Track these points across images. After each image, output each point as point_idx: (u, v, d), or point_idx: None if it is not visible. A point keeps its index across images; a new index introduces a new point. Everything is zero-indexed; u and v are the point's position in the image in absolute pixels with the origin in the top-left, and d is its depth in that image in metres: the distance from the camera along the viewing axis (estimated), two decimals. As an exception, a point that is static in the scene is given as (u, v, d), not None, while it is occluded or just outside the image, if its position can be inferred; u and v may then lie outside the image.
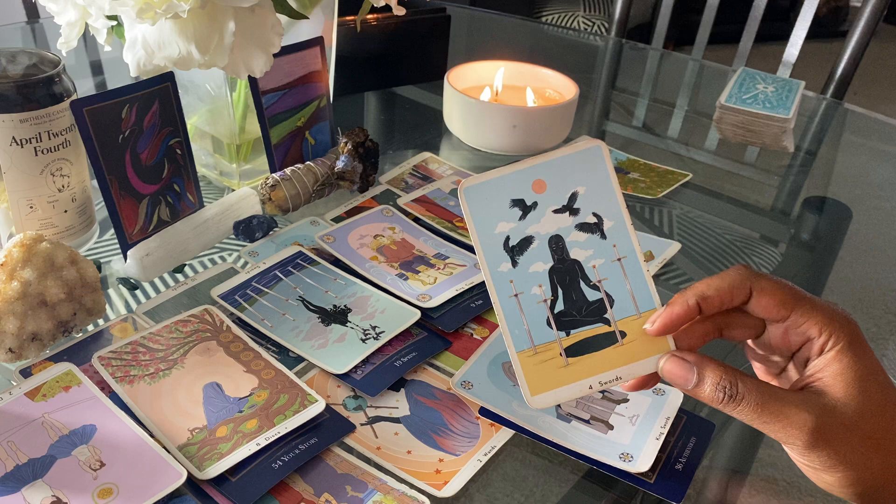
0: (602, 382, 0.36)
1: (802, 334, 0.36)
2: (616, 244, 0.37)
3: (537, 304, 0.36)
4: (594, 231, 0.37)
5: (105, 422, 0.41)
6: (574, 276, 0.37)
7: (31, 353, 0.45)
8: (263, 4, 0.50)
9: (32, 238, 0.45)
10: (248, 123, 0.63)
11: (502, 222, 0.37)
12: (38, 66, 0.50)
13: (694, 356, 0.36)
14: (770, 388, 0.34)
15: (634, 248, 0.37)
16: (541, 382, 0.36)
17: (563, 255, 0.37)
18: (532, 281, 0.37)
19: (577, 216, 0.37)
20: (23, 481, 0.37)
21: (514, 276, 0.37)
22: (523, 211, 0.37)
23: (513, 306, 0.36)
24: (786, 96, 0.85)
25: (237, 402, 0.43)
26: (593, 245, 0.37)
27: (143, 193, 0.54)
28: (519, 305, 0.36)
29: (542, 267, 0.37)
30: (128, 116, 0.52)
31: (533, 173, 0.37)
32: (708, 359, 0.35)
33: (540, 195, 0.37)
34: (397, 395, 0.46)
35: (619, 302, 0.37)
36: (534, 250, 0.37)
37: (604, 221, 0.37)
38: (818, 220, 0.74)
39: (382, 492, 0.39)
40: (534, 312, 0.36)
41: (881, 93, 2.83)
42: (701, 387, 0.35)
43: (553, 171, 0.37)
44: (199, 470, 0.39)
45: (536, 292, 0.37)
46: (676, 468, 0.41)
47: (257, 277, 0.53)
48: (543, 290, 0.37)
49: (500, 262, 0.37)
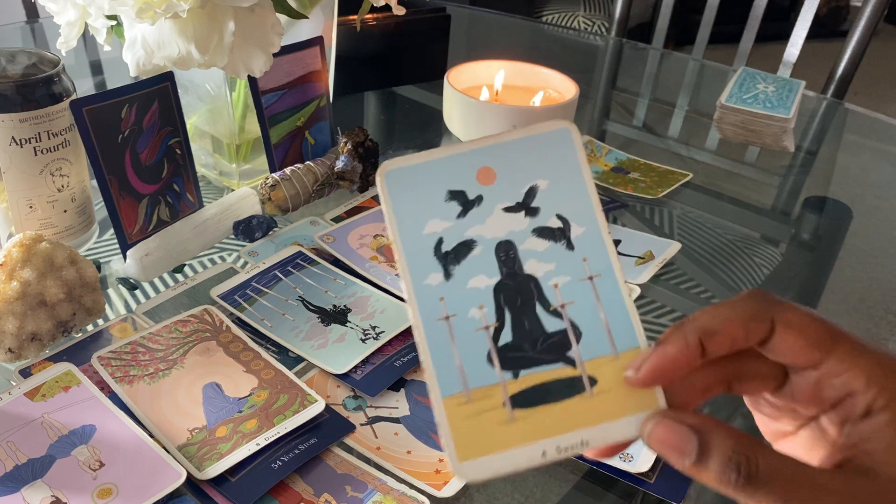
0: (560, 448, 0.26)
1: (842, 387, 0.26)
2: (587, 258, 0.28)
3: (476, 331, 0.27)
4: (558, 239, 0.29)
5: (104, 422, 0.41)
6: (528, 297, 0.28)
7: (30, 353, 0.45)
8: (263, 4, 0.50)
9: (32, 238, 0.45)
10: (248, 123, 0.63)
11: (434, 220, 0.28)
12: (37, 65, 0.50)
13: (694, 418, 0.25)
14: (800, 469, 0.25)
15: (612, 265, 0.28)
16: (474, 443, 0.26)
17: (514, 269, 0.28)
18: (470, 300, 0.28)
19: (536, 218, 0.29)
20: (22, 481, 0.37)
21: (445, 293, 0.28)
22: (463, 207, 0.28)
23: (441, 333, 0.27)
24: (786, 96, 0.85)
25: (237, 402, 0.43)
26: (556, 257, 0.28)
27: (143, 193, 0.54)
28: (450, 332, 0.27)
29: (486, 282, 0.28)
30: (127, 116, 0.52)
31: (478, 158, 0.29)
32: (714, 422, 0.25)
33: (487, 187, 0.29)
34: (397, 395, 0.46)
35: (589, 336, 0.28)
36: (475, 259, 0.28)
37: (571, 227, 0.29)
38: (818, 220, 0.74)
39: (382, 492, 0.39)
40: (470, 343, 0.27)
41: (882, 92, 2.83)
42: (704, 463, 0.24)
43: (506, 156, 0.29)
44: (199, 470, 0.39)
45: (475, 316, 0.27)
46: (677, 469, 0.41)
47: (257, 277, 0.53)
48: (485, 313, 0.28)
49: (427, 271, 0.28)
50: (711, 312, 0.27)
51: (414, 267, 0.28)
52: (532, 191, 0.29)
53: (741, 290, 0.60)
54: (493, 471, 0.26)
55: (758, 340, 0.27)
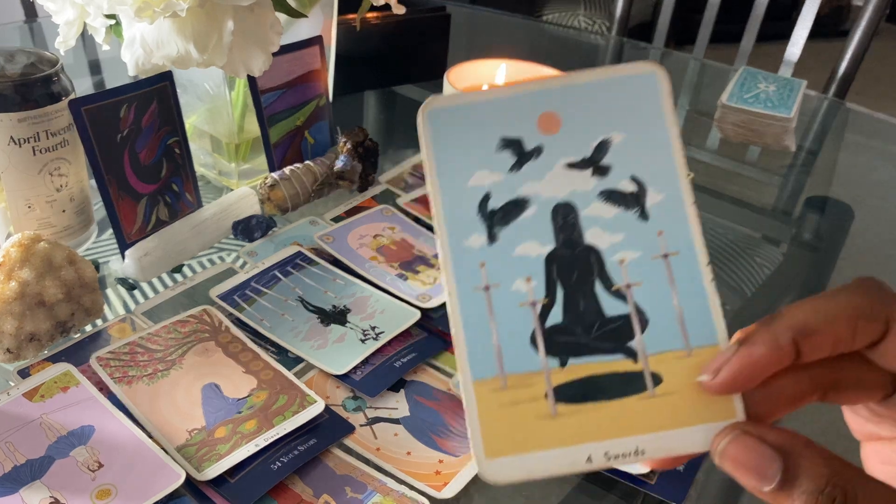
0: (610, 455, 0.22)
1: None
2: (664, 231, 0.24)
3: (519, 306, 0.24)
4: (630, 205, 0.24)
5: (103, 422, 0.41)
6: (586, 273, 0.24)
7: (29, 353, 0.45)
8: (262, 3, 0.50)
9: (30, 238, 0.45)
10: (247, 123, 0.63)
11: (482, 171, 0.24)
12: (36, 65, 0.50)
13: (780, 435, 0.21)
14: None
15: (693, 242, 0.24)
16: (506, 438, 0.22)
17: (572, 237, 0.24)
18: (516, 270, 0.24)
19: (606, 178, 0.24)
20: (21, 482, 0.37)
21: (487, 258, 0.24)
22: (518, 158, 0.24)
23: (478, 305, 0.23)
24: (787, 96, 0.85)
25: (236, 402, 0.43)
26: (625, 227, 0.24)
27: (142, 193, 0.54)
28: (489, 305, 0.23)
29: (537, 250, 0.24)
30: (126, 116, 0.52)
31: (542, 101, 0.24)
32: (804, 441, 0.21)
33: (549, 137, 0.24)
34: (397, 395, 0.46)
35: (657, 325, 0.23)
36: (526, 222, 0.24)
37: (648, 192, 0.24)
38: (820, 220, 0.74)
39: (382, 493, 0.39)
40: (512, 320, 0.23)
41: (883, 92, 2.82)
42: (789, 492, 0.20)
43: (575, 101, 0.24)
44: (198, 471, 0.39)
45: (521, 288, 0.24)
46: (677, 469, 0.41)
47: (256, 278, 0.53)
48: (533, 286, 0.24)
49: (468, 231, 0.24)
50: (811, 307, 0.22)
51: (453, 224, 0.24)
52: (604, 145, 0.24)
53: (742, 291, 0.59)
54: (525, 472, 0.22)
55: (866, 343, 0.22)
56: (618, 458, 0.23)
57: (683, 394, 0.23)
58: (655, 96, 0.24)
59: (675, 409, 0.23)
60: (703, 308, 0.23)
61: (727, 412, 0.22)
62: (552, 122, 0.25)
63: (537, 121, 0.24)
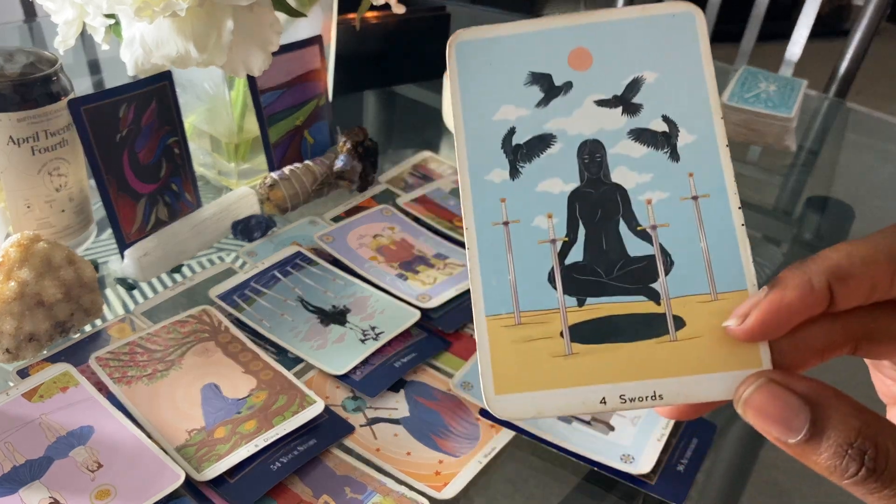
0: (626, 398, 0.22)
1: None
2: (694, 173, 0.23)
3: (539, 244, 0.23)
4: (660, 145, 0.24)
5: (103, 423, 0.41)
6: (611, 211, 0.23)
7: (28, 353, 0.45)
8: (262, 2, 0.50)
9: (30, 238, 0.45)
10: (247, 122, 0.63)
11: (508, 105, 0.24)
12: (35, 64, 0.50)
13: (808, 384, 0.20)
14: None
15: (725, 185, 0.23)
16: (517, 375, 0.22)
17: (598, 175, 0.23)
18: (538, 206, 0.23)
19: (636, 117, 0.24)
20: (20, 483, 0.37)
21: (508, 193, 0.23)
22: (546, 93, 0.24)
23: (496, 240, 0.23)
24: (788, 95, 0.85)
25: (235, 402, 0.43)
26: (655, 167, 0.23)
27: (141, 193, 0.54)
28: (507, 241, 0.23)
29: (560, 187, 0.23)
30: (125, 115, 0.52)
31: (574, 37, 0.24)
32: (833, 392, 0.20)
33: (579, 73, 0.24)
34: (397, 396, 0.45)
35: (683, 267, 0.23)
36: (551, 158, 0.24)
37: (680, 132, 0.24)
38: (820, 220, 0.73)
39: (382, 493, 0.39)
40: (530, 257, 0.23)
41: (884, 92, 2.82)
42: (816, 444, 0.19)
43: (608, 38, 0.24)
44: (198, 471, 0.39)
45: (542, 225, 0.23)
46: (678, 469, 0.41)
47: (256, 278, 0.53)
48: (554, 223, 0.23)
49: (490, 165, 0.24)
50: (846, 250, 0.21)
51: (475, 157, 0.23)
52: (635, 83, 0.24)
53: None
54: (535, 409, 0.22)
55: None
56: (634, 401, 0.22)
57: (707, 339, 0.22)
58: (691, 36, 0.24)
59: (697, 354, 0.22)
60: (732, 252, 0.23)
61: (753, 360, 0.21)
62: (584, 59, 0.24)
63: (568, 56, 0.24)
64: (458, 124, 0.24)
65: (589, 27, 0.24)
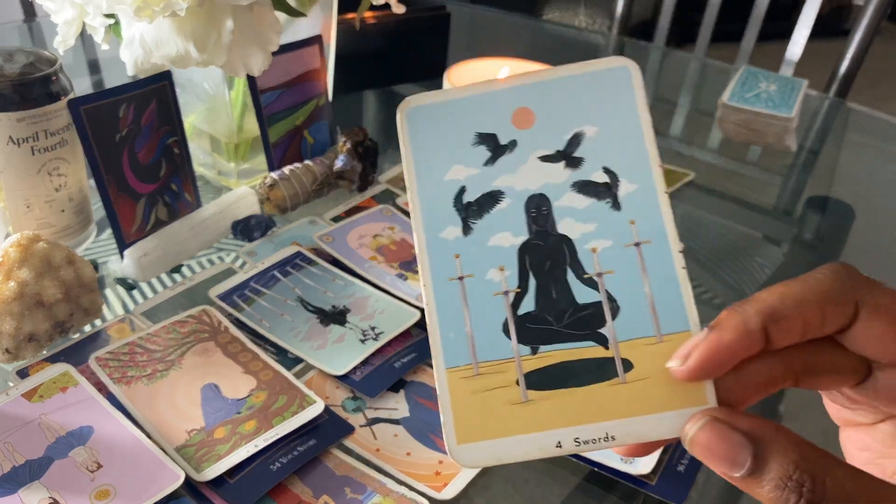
0: (580, 440, 0.23)
1: None
2: (636, 220, 0.24)
3: (493, 296, 0.24)
4: (602, 196, 0.25)
5: (102, 423, 0.41)
6: (559, 261, 0.25)
7: (28, 353, 0.45)
8: (262, 2, 0.50)
9: (29, 238, 0.45)
10: (247, 122, 0.63)
11: (458, 165, 0.25)
12: (35, 64, 0.50)
13: (750, 421, 0.21)
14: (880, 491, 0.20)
15: (666, 231, 0.24)
16: (477, 424, 0.23)
17: (545, 227, 0.25)
18: (490, 260, 0.24)
19: (578, 170, 0.25)
20: (20, 483, 0.37)
21: (462, 249, 0.25)
22: (493, 152, 0.25)
23: (452, 295, 0.24)
24: (788, 95, 0.85)
25: (235, 403, 0.43)
26: (598, 217, 0.25)
27: (141, 193, 0.54)
28: (463, 295, 0.24)
29: (510, 240, 0.25)
30: (125, 115, 0.52)
31: (516, 97, 0.25)
32: (773, 427, 0.21)
33: (523, 132, 0.25)
34: (397, 396, 0.45)
35: (629, 312, 0.24)
36: (501, 213, 0.25)
37: (620, 183, 0.25)
38: (821, 220, 0.73)
39: (382, 494, 0.39)
40: (485, 309, 0.24)
41: (884, 92, 2.82)
42: (759, 478, 0.20)
43: (548, 96, 0.25)
44: (197, 472, 0.39)
45: (494, 278, 0.24)
46: (678, 470, 0.41)
47: (255, 278, 0.53)
48: (506, 275, 0.24)
49: (443, 224, 0.25)
50: (780, 291, 0.22)
51: (429, 217, 0.25)
52: (577, 138, 0.25)
53: (742, 291, 0.59)
54: (495, 457, 0.23)
55: (835, 328, 0.22)
56: (588, 443, 0.23)
57: (654, 380, 0.23)
58: (628, 89, 0.25)
59: (645, 395, 0.23)
60: (675, 295, 0.24)
61: (698, 398, 0.22)
62: (527, 118, 0.25)
63: (512, 116, 0.25)
64: (411, 186, 0.25)
65: (530, 87, 0.25)
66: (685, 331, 0.23)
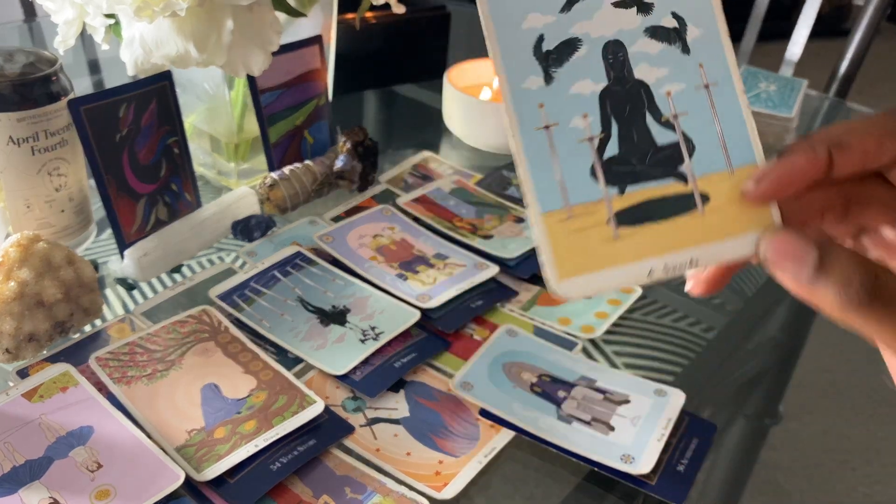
0: (668, 267, 0.25)
1: None
2: (704, 63, 0.26)
3: (578, 142, 0.26)
4: (672, 41, 0.26)
5: (102, 423, 0.41)
6: (638, 106, 0.26)
7: (28, 353, 0.45)
8: (262, 2, 0.50)
9: (29, 238, 0.45)
10: (247, 122, 0.63)
11: (534, 13, 0.26)
12: (35, 64, 0.50)
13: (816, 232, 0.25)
14: None
15: (730, 73, 0.26)
16: (575, 261, 0.25)
17: (623, 73, 0.26)
18: (573, 107, 0.26)
19: (649, 15, 0.26)
20: (20, 483, 0.37)
21: (545, 98, 0.26)
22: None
23: (541, 144, 0.25)
24: (788, 95, 0.85)
25: (235, 403, 0.43)
26: (670, 61, 0.26)
27: (141, 193, 0.54)
28: (550, 143, 0.25)
29: (591, 88, 0.26)
30: (125, 115, 0.52)
31: None
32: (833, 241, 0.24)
33: None
34: (397, 396, 0.45)
35: (703, 150, 0.26)
36: (579, 61, 0.26)
37: (688, 28, 0.26)
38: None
39: (382, 493, 0.39)
40: (572, 155, 0.26)
41: (885, 91, 2.82)
42: (823, 278, 0.22)
43: None
44: (197, 471, 0.39)
45: (579, 125, 0.26)
46: (678, 470, 0.41)
47: (256, 278, 0.53)
48: (590, 122, 0.26)
49: (525, 74, 0.26)
50: (844, 125, 0.25)
51: (511, 68, 0.25)
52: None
53: (743, 291, 0.59)
54: (595, 288, 0.26)
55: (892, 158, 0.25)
56: (675, 268, 0.26)
57: (728, 208, 0.26)
58: None
59: (722, 222, 0.26)
60: (742, 132, 0.26)
61: (766, 221, 0.25)
62: None
63: None
64: (490, 36, 0.26)
65: None
66: (753, 163, 0.26)
